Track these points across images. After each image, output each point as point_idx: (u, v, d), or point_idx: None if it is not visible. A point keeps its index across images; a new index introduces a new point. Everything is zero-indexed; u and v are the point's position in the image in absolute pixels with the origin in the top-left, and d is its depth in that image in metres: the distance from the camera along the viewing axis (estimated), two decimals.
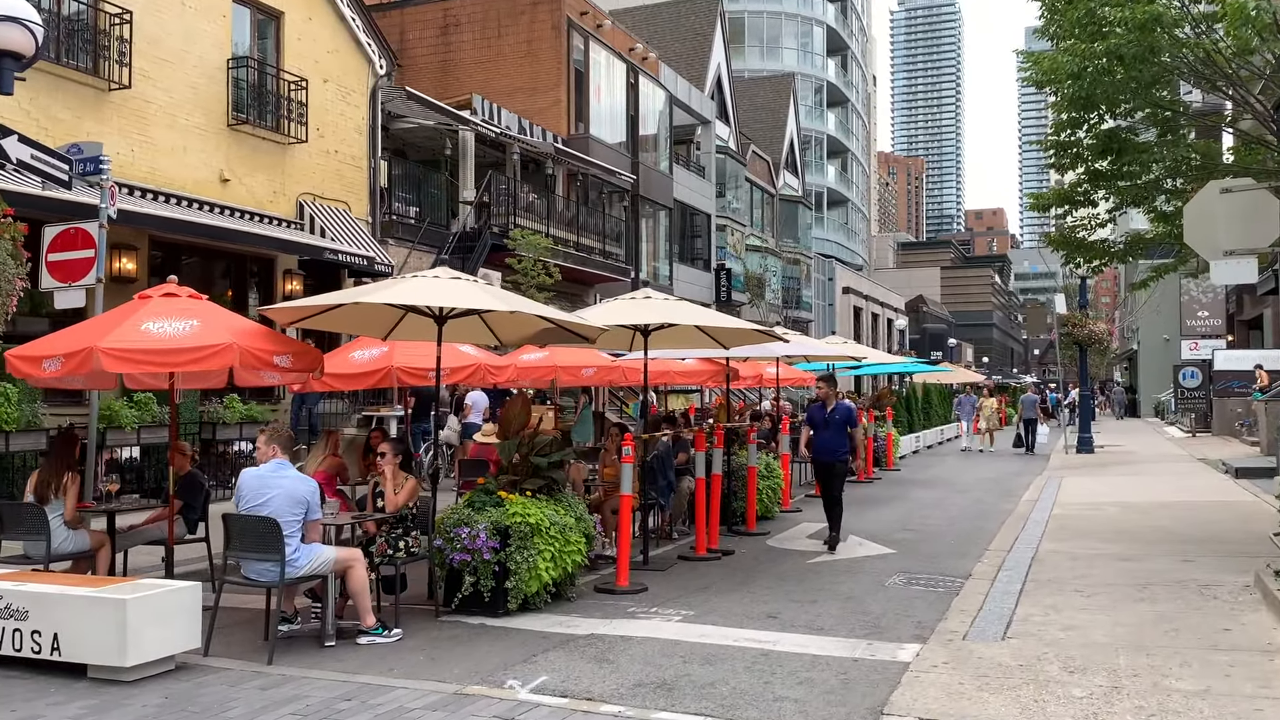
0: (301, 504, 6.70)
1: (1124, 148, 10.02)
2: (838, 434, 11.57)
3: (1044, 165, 11.38)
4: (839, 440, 11.57)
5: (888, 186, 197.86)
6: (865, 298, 62.64)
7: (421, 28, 29.90)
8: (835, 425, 11.58)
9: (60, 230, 10.26)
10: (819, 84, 66.33)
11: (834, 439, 11.57)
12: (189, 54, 15.96)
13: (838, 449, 11.56)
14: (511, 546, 7.99)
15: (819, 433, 11.71)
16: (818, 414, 11.87)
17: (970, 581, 9.08)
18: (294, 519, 6.68)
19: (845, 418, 11.64)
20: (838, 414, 11.63)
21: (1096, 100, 9.29)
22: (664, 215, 34.39)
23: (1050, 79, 9.47)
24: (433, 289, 8.14)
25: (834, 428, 11.58)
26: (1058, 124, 10.41)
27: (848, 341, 20.65)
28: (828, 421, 11.63)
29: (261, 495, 6.73)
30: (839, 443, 11.56)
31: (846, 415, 11.67)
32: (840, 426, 11.59)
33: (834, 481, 11.62)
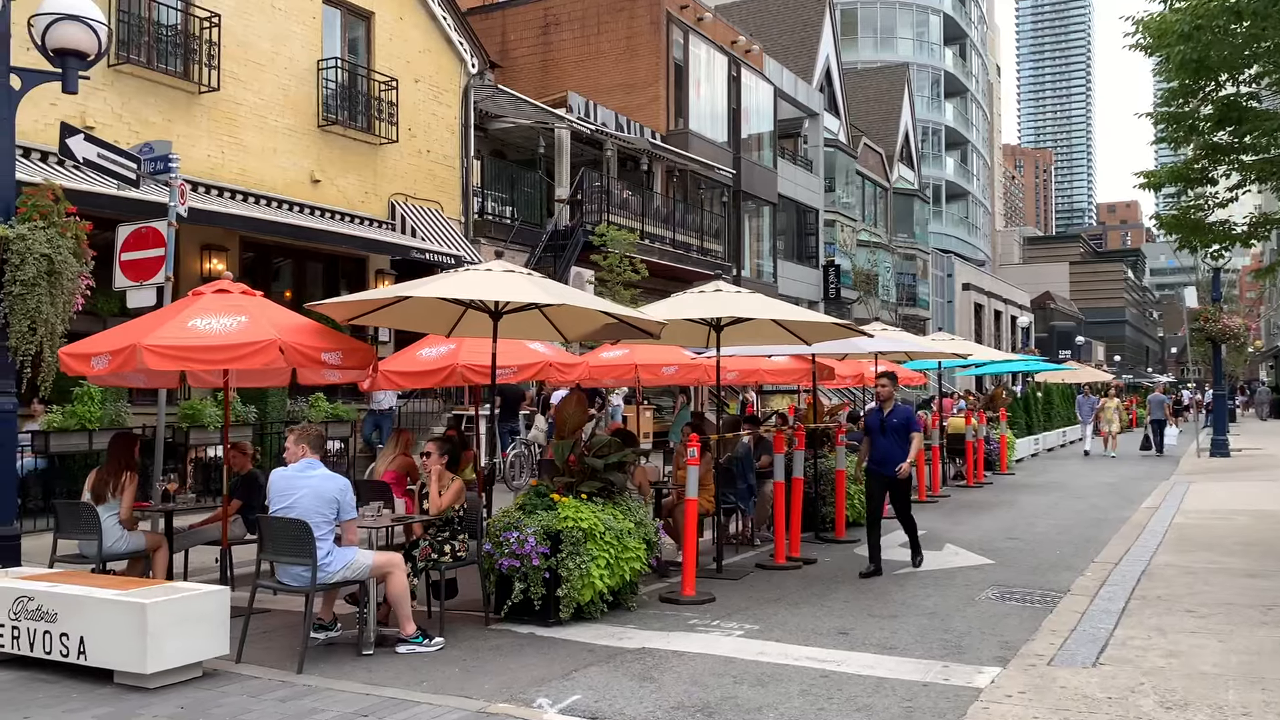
0: (330, 503, 6.41)
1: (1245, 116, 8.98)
2: (896, 441, 10.10)
3: (1153, 141, 10.32)
4: (898, 449, 10.07)
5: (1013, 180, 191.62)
6: (987, 294, 60.53)
7: (522, 28, 29.92)
8: (892, 431, 10.12)
9: (132, 229, 10.30)
10: (936, 74, 64.39)
11: (891, 447, 10.08)
12: (279, 56, 16.09)
13: (897, 459, 10.02)
14: (563, 552, 7.58)
15: (875, 440, 10.25)
16: (874, 419, 10.38)
17: (1068, 598, 8.27)
18: (323, 520, 6.39)
19: (904, 422, 10.18)
20: (895, 418, 10.16)
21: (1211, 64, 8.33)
22: (768, 211, 33.66)
23: (1160, 43, 8.56)
24: (477, 282, 7.79)
25: (891, 434, 10.12)
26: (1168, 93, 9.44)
27: (955, 338, 19.64)
28: (884, 426, 10.16)
29: (288, 496, 6.47)
30: (898, 452, 10.05)
31: (906, 420, 10.20)
32: (898, 433, 10.14)
33: (898, 495, 10.35)
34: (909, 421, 10.20)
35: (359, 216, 17.33)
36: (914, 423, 10.26)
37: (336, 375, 8.98)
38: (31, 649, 6.25)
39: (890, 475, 10.03)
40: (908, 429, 10.13)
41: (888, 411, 10.21)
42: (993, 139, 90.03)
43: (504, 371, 10.65)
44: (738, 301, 9.58)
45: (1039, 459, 26.02)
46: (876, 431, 10.20)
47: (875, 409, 10.47)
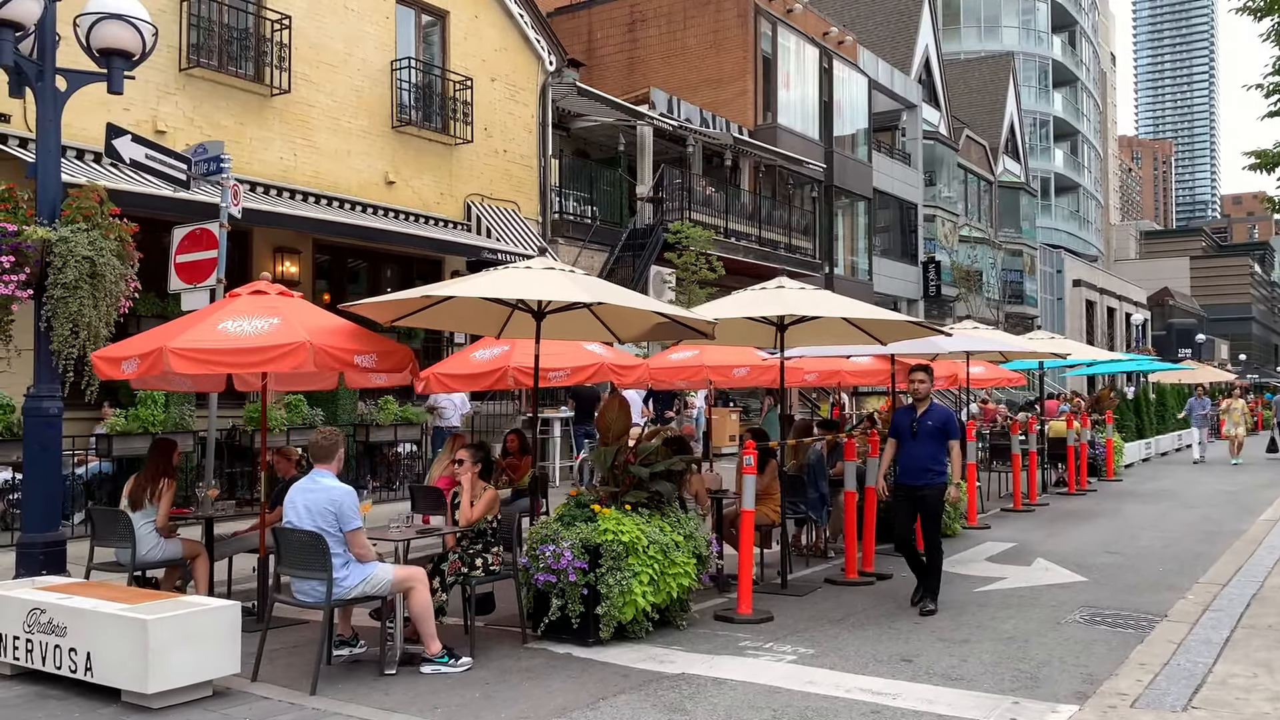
0: (324, 515, 6.06)
1: None
2: (930, 447, 8.47)
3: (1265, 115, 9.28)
4: (931, 456, 8.47)
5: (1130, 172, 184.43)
6: (1099, 291, 58.04)
7: (609, 26, 29.61)
8: (926, 436, 8.48)
9: (187, 231, 10.21)
10: (1044, 63, 62.05)
11: (924, 454, 8.47)
12: (351, 57, 16.02)
13: (928, 467, 8.45)
14: (602, 567, 7.11)
15: (904, 445, 8.63)
16: (903, 419, 8.75)
17: (1164, 624, 7.45)
18: (329, 532, 6.04)
19: (941, 426, 8.52)
20: (931, 419, 8.53)
21: None
22: (862, 206, 32.67)
23: (1272, 4, 7.66)
24: (513, 280, 7.38)
25: (925, 438, 8.47)
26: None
27: (1055, 337, 18.54)
28: (916, 430, 8.52)
29: (290, 508, 6.15)
30: (931, 459, 8.47)
31: (943, 423, 8.54)
32: (934, 438, 8.48)
33: (925, 516, 8.53)
34: (947, 425, 8.56)
35: (434, 218, 17.17)
36: (953, 427, 8.61)
37: (382, 378, 8.67)
38: (44, 663, 6.05)
39: (916, 486, 8.48)
40: (944, 434, 8.53)
41: (921, 412, 8.62)
42: (1106, 129, 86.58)
43: (557, 374, 10.27)
44: (801, 299, 8.97)
45: (1150, 464, 24.57)
46: (906, 434, 8.63)
47: (906, 408, 8.90)
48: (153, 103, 13.39)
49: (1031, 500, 15.97)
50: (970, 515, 13.49)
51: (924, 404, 8.69)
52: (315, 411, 13.40)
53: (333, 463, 6.27)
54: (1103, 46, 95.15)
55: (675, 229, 19.47)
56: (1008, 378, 20.07)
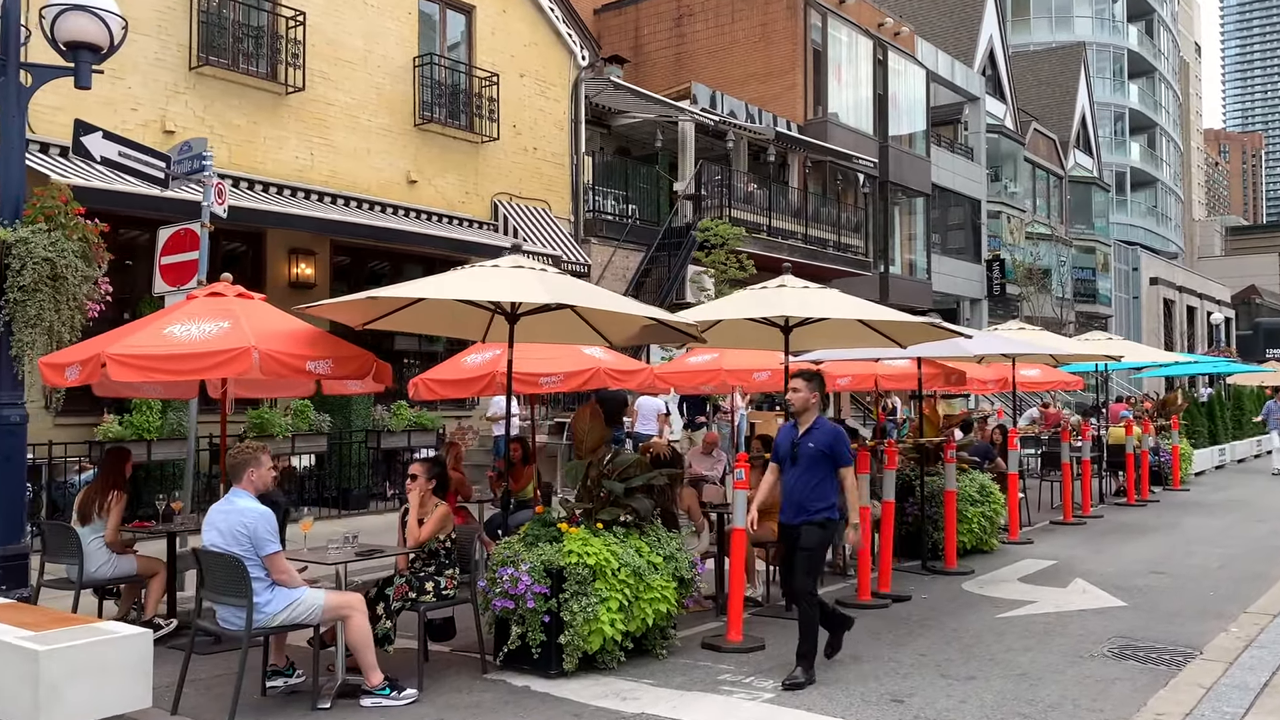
0: (235, 537, 5.57)
1: None
2: (810, 476, 6.68)
3: None
4: (811, 487, 6.66)
5: (1217, 166, 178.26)
6: (1178, 289, 55.74)
7: (655, 21, 29.00)
8: (806, 461, 6.70)
9: (172, 232, 9.87)
10: (1118, 53, 59.87)
11: (802, 484, 6.69)
12: (372, 54, 15.66)
13: (809, 501, 6.64)
14: (566, 593, 6.52)
15: (784, 473, 6.91)
16: (783, 440, 6.96)
17: (1197, 662, 6.63)
18: (247, 556, 5.55)
19: (826, 449, 6.69)
20: (812, 441, 6.71)
21: None
22: (920, 202, 31.57)
23: None
24: (475, 279, 6.84)
25: (804, 465, 6.70)
26: None
27: (1113, 337, 17.46)
28: (795, 453, 6.76)
29: (209, 528, 5.67)
30: (811, 491, 6.65)
31: (828, 445, 6.70)
32: (816, 464, 6.68)
33: (797, 560, 6.69)
34: (833, 448, 6.68)
35: (459, 218, 16.75)
36: (841, 449, 6.69)
37: (358, 385, 8.23)
38: None
39: (794, 527, 6.67)
40: (829, 460, 6.69)
41: (802, 431, 6.80)
42: (1187, 122, 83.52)
43: (550, 379, 9.72)
44: (803, 299, 8.27)
45: (1225, 472, 23.19)
46: (786, 460, 6.87)
47: (788, 426, 7.02)
48: (161, 102, 13.15)
49: (1084, 512, 14.99)
50: (1012, 529, 12.63)
51: (805, 420, 6.84)
52: (322, 417, 13.05)
53: (244, 481, 5.76)
54: (1184, 36, 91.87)
55: (705, 225, 18.79)
56: (1064, 380, 19.05)
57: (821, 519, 6.68)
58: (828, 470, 6.73)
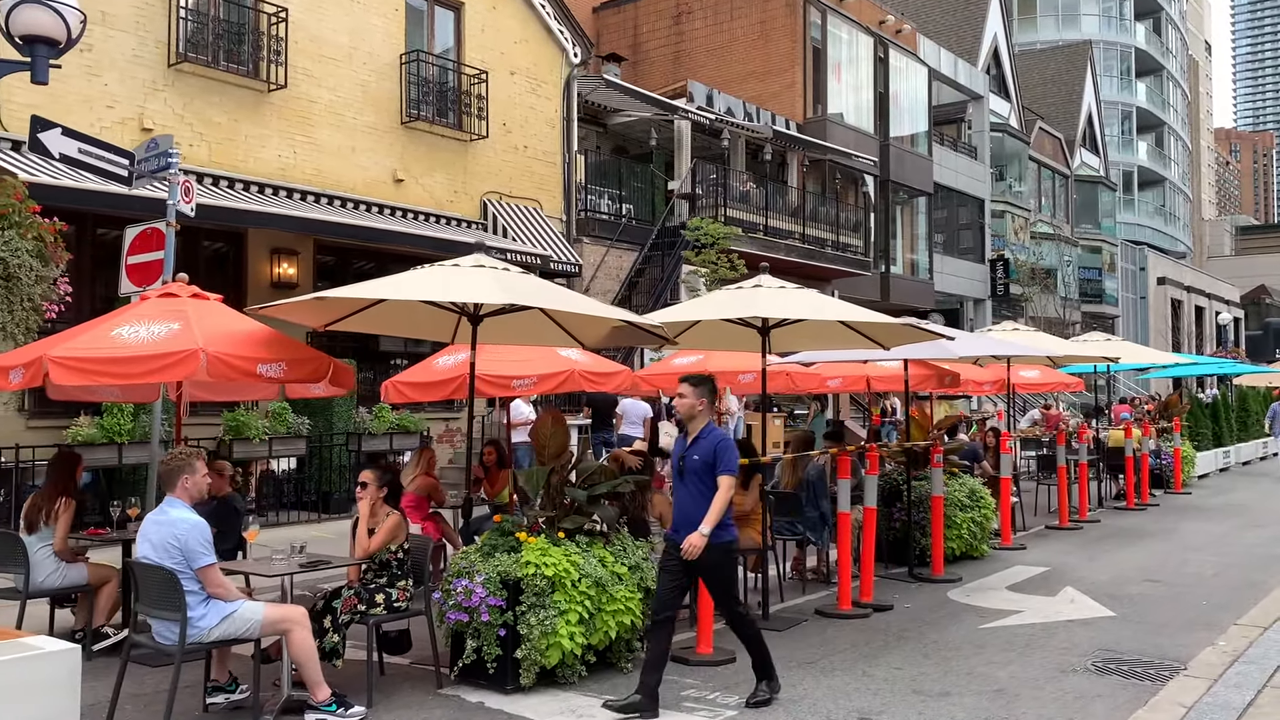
0: (168, 550, 5.34)
1: None
2: (699, 489, 6.05)
3: None
4: (704, 500, 6.01)
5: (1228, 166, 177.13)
6: (1186, 289, 55.26)
7: (654, 19, 28.79)
8: (693, 474, 6.08)
9: (139, 231, 9.64)
10: (1126, 51, 59.40)
11: (691, 499, 6.09)
12: (357, 50, 15.44)
13: (699, 517, 5.98)
14: (523, 605, 6.28)
15: (676, 487, 6.32)
16: (675, 451, 6.40)
17: (1179, 679, 6.35)
18: (179, 569, 5.32)
19: (709, 460, 6.04)
20: (697, 452, 6.09)
21: None
22: (922, 202, 31.26)
23: None
24: (432, 281, 6.61)
25: (691, 477, 6.09)
26: None
27: (1111, 338, 17.13)
28: (683, 466, 6.16)
29: (143, 539, 5.45)
30: (703, 505, 6.00)
31: (710, 454, 6.05)
32: (702, 477, 6.04)
33: (706, 582, 6.29)
34: (717, 457, 6.04)
35: (447, 217, 16.53)
36: (726, 458, 6.05)
37: (319, 388, 7.99)
38: None
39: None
40: (711, 470, 6.04)
41: (691, 440, 6.19)
42: (1196, 121, 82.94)
43: (523, 381, 9.48)
44: (781, 299, 8.01)
45: (1229, 474, 22.81)
46: (675, 473, 6.30)
47: (680, 436, 6.45)
48: (139, 100, 12.95)
49: (1081, 516, 14.69)
50: (1004, 534, 12.34)
51: (693, 429, 6.19)
52: (301, 420, 12.83)
53: (179, 489, 5.52)
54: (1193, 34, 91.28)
55: (694, 225, 18.53)
56: (1064, 382, 18.75)
57: (719, 539, 6.03)
58: (710, 483, 6.03)
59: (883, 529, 11.12)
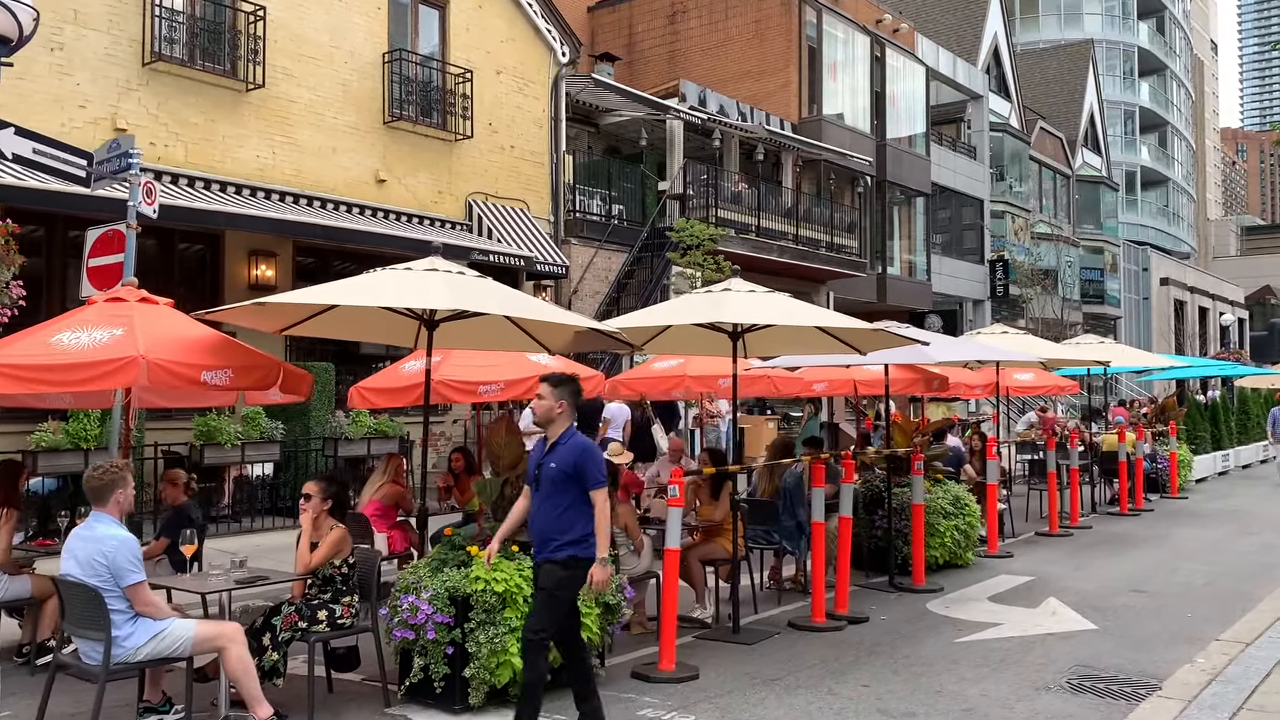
0: (93, 567, 5.13)
1: None
2: (556, 501, 5.43)
3: None
4: (558, 515, 5.41)
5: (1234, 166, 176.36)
6: (1190, 290, 54.86)
7: (650, 18, 28.56)
8: (549, 484, 5.45)
9: (100, 233, 9.45)
10: (1129, 50, 59.03)
11: (546, 512, 5.46)
12: (339, 50, 15.24)
13: (552, 532, 5.41)
14: (472, 622, 6.06)
15: (533, 497, 5.62)
16: (533, 458, 5.73)
17: (1152, 699, 6.11)
18: (105, 587, 5.11)
19: (571, 470, 5.41)
20: (555, 460, 5.45)
21: None
22: (920, 202, 30.99)
23: None
24: (382, 285, 6.40)
25: (548, 488, 5.45)
26: None
27: (1105, 341, 16.89)
28: (539, 475, 5.52)
29: (68, 556, 5.23)
30: (557, 519, 5.41)
31: (572, 464, 5.41)
32: (561, 488, 5.42)
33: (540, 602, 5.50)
34: (578, 467, 5.40)
35: (430, 218, 16.32)
36: (590, 469, 5.41)
37: (277, 394, 7.78)
38: None
39: (539, 564, 5.49)
40: (577, 482, 5.40)
41: (550, 446, 5.55)
42: (1201, 120, 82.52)
43: (490, 387, 9.26)
44: (750, 304, 7.79)
45: (1228, 478, 22.53)
46: (531, 482, 5.64)
47: (539, 441, 5.72)
48: (112, 99, 12.76)
49: (1072, 523, 14.44)
50: (990, 542, 12.10)
51: (552, 434, 5.56)
52: (275, 425, 12.62)
53: (110, 504, 5.31)
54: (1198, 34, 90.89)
55: (680, 225, 18.30)
56: (1058, 385, 18.49)
57: (564, 557, 5.35)
58: (576, 495, 5.40)
59: (864, 537, 10.91)
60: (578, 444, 5.53)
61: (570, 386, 5.70)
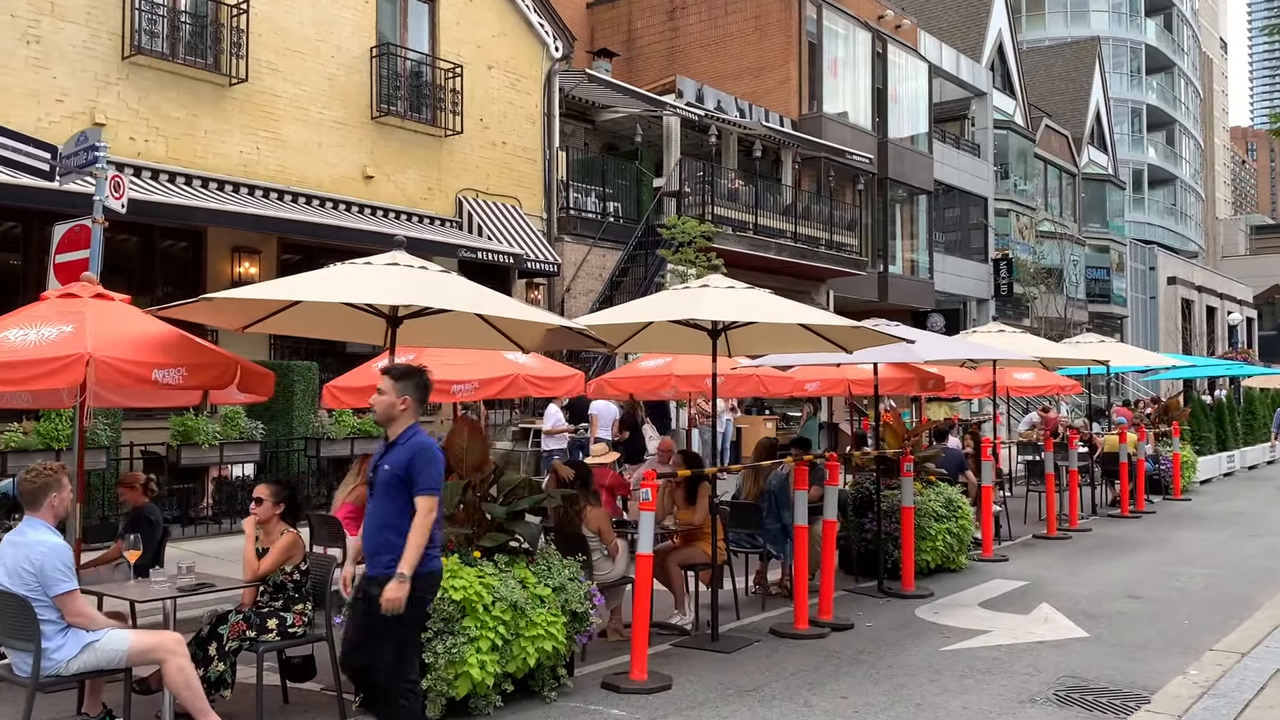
0: (20, 575, 4.89)
1: None
2: (387, 508, 4.89)
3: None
4: (390, 523, 4.85)
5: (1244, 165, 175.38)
6: (1197, 289, 54.41)
7: (648, 14, 28.30)
8: (383, 489, 4.93)
9: (68, 228, 9.20)
10: (1136, 48, 58.56)
11: (377, 520, 4.94)
12: (325, 44, 15.00)
13: (383, 543, 4.86)
14: (430, 631, 5.81)
15: (368, 501, 5.11)
16: (374, 459, 5.17)
17: (1142, 714, 5.83)
18: (34, 596, 4.87)
19: (403, 470, 4.85)
20: (389, 461, 4.93)
21: None
22: (923, 200, 30.68)
23: None
24: (319, 281, 6.16)
25: (381, 493, 4.94)
26: None
27: (1106, 340, 16.57)
28: (374, 478, 5.03)
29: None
30: (389, 529, 4.85)
31: (404, 465, 4.85)
32: (392, 492, 4.88)
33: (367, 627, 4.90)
34: (410, 469, 4.83)
35: (420, 215, 16.08)
36: (421, 471, 4.82)
37: (243, 395, 7.54)
38: None
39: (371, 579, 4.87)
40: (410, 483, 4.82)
41: (388, 446, 5.02)
42: (1209, 119, 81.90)
43: (463, 386, 9.02)
44: (728, 300, 7.52)
45: (1233, 480, 22.16)
46: (368, 485, 5.13)
47: (381, 443, 5.20)
48: (90, 94, 12.54)
49: (1071, 525, 14.13)
50: (985, 545, 11.81)
51: (393, 434, 5.01)
52: (255, 424, 12.38)
53: (44, 509, 5.07)
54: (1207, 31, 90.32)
55: (671, 222, 18.03)
56: (1059, 385, 18.19)
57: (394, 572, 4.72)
58: (404, 499, 4.82)
59: (855, 540, 10.65)
60: (416, 444, 4.91)
61: (414, 380, 5.06)
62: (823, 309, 23.66)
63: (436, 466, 4.91)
